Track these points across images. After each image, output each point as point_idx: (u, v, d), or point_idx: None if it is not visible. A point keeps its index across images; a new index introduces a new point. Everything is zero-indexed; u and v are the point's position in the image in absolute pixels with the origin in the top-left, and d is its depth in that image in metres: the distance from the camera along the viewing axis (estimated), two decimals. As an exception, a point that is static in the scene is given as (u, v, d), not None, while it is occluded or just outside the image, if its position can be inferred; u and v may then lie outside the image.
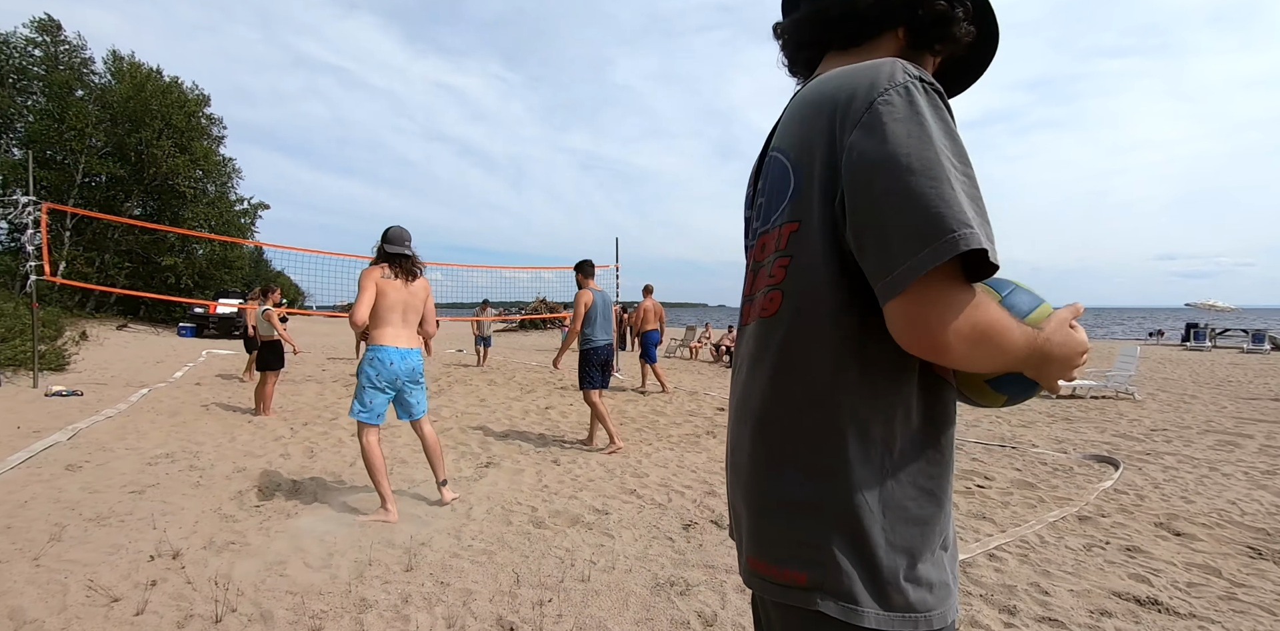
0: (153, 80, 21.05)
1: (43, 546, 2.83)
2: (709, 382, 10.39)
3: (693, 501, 3.82)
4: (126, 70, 20.99)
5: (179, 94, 21.95)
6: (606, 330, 5.28)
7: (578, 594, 2.49)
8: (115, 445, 4.93)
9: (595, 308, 5.18)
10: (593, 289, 5.23)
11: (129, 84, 20.36)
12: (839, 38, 0.83)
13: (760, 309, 0.78)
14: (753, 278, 0.83)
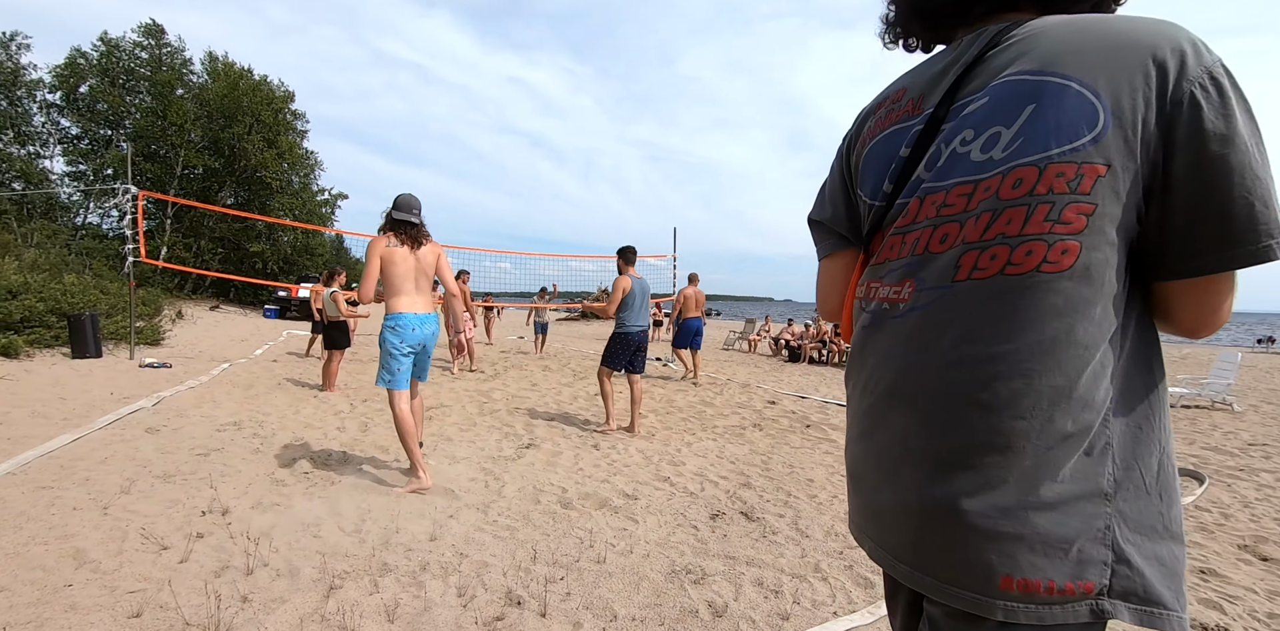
0: (244, 78, 22.70)
1: (112, 498, 3.11)
2: (763, 376, 10.17)
3: (726, 492, 3.74)
4: (221, 70, 22.75)
5: (267, 91, 23.58)
6: (643, 317, 5.33)
7: (591, 574, 2.48)
8: (192, 412, 5.36)
9: (634, 294, 5.23)
10: (632, 276, 5.29)
11: (223, 82, 22.07)
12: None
13: (1009, 263, 0.66)
14: (975, 223, 0.68)
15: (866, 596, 2.39)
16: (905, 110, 0.81)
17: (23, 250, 10.98)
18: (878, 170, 0.82)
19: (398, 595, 2.23)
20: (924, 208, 0.74)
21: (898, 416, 0.73)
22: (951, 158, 0.72)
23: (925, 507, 0.68)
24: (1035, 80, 0.67)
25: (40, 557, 2.41)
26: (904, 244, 0.76)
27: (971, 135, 0.70)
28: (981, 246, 0.67)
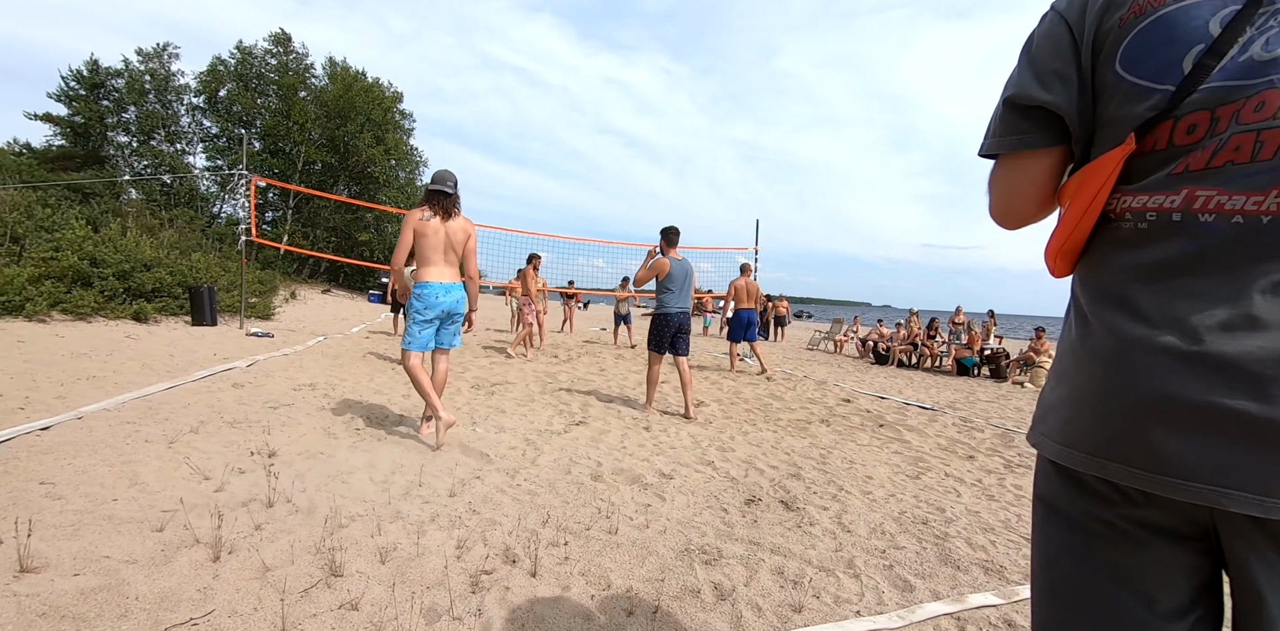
0: (358, 81, 24.70)
1: (181, 435, 3.40)
2: (844, 376, 9.61)
3: (770, 480, 3.50)
4: (339, 73, 24.86)
5: (378, 92, 25.50)
6: (683, 299, 5.26)
7: (598, 543, 2.37)
8: (278, 374, 5.81)
9: (673, 276, 5.15)
10: (673, 257, 5.21)
11: (339, 85, 24.11)
12: None
13: None
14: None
15: (900, 599, 2.11)
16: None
17: (163, 232, 12.50)
18: (1168, 47, 0.67)
19: (397, 540, 2.24)
20: None
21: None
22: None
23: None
24: None
25: (102, 476, 2.65)
26: (1260, 143, 0.62)
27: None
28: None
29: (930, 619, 1.97)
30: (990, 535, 2.79)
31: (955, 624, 1.96)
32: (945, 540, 2.68)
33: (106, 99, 20.73)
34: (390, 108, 25.91)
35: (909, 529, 2.81)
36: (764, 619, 1.90)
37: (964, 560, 2.46)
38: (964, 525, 2.91)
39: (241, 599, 1.77)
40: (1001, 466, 4.24)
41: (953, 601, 2.08)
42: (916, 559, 2.46)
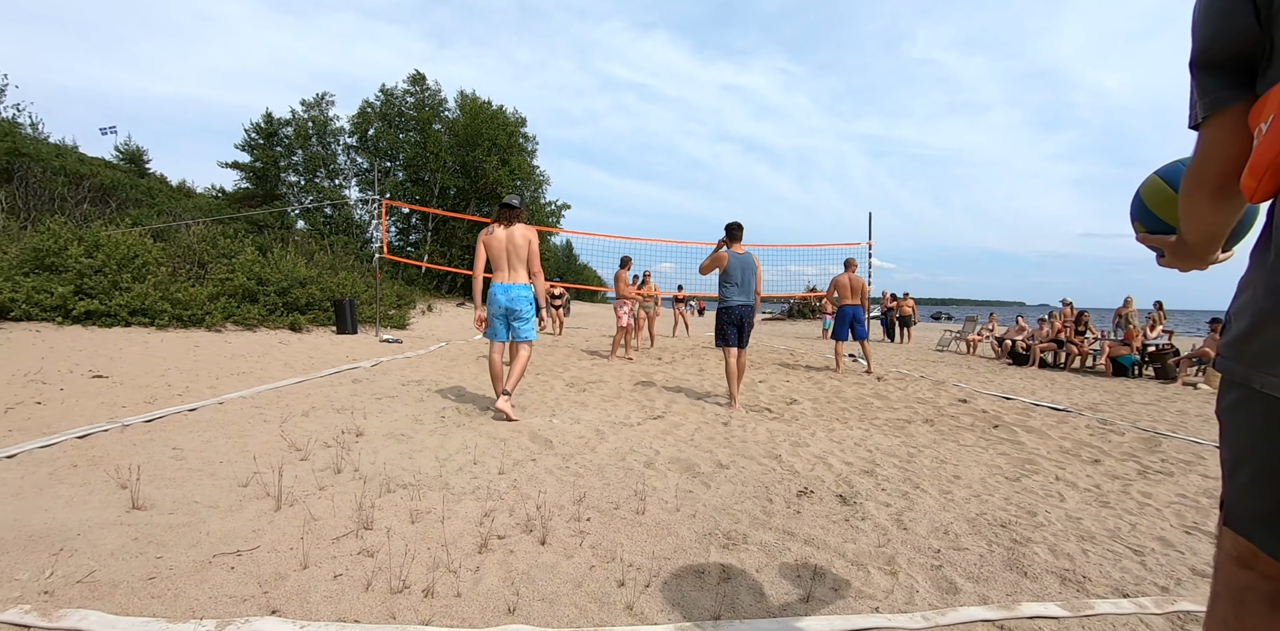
0: (484, 109, 26.94)
1: (293, 417, 3.95)
2: (969, 377, 8.73)
3: (837, 475, 3.30)
4: (468, 104, 27.31)
5: (503, 118, 27.61)
6: (745, 293, 5.37)
7: (621, 522, 2.39)
8: (395, 372, 6.49)
9: (733, 269, 5.29)
10: (735, 252, 5.33)
11: (468, 114, 26.45)
12: None
13: None
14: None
15: (936, 599, 1.89)
16: None
17: (321, 256, 14.44)
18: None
19: (432, 506, 2.43)
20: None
21: None
22: None
23: None
24: None
25: (219, 445, 3.17)
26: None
27: None
28: None
29: (964, 623, 1.75)
30: (1086, 543, 2.42)
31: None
32: (1022, 545, 2.36)
33: (279, 145, 24.56)
34: (514, 132, 27.93)
35: (981, 530, 2.52)
36: (761, 603, 1.81)
37: (1037, 567, 2.16)
38: (1055, 531, 2.54)
39: (283, 539, 2.06)
40: (1134, 472, 3.64)
41: (1000, 608, 1.84)
42: (977, 561, 2.20)
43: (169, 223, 11.36)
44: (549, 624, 1.65)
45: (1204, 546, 2.42)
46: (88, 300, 7.73)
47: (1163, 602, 1.90)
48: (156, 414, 3.96)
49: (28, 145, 11.83)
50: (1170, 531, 2.58)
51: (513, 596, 1.78)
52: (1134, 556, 2.29)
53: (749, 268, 5.34)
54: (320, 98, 25.75)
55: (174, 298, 8.41)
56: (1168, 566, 2.21)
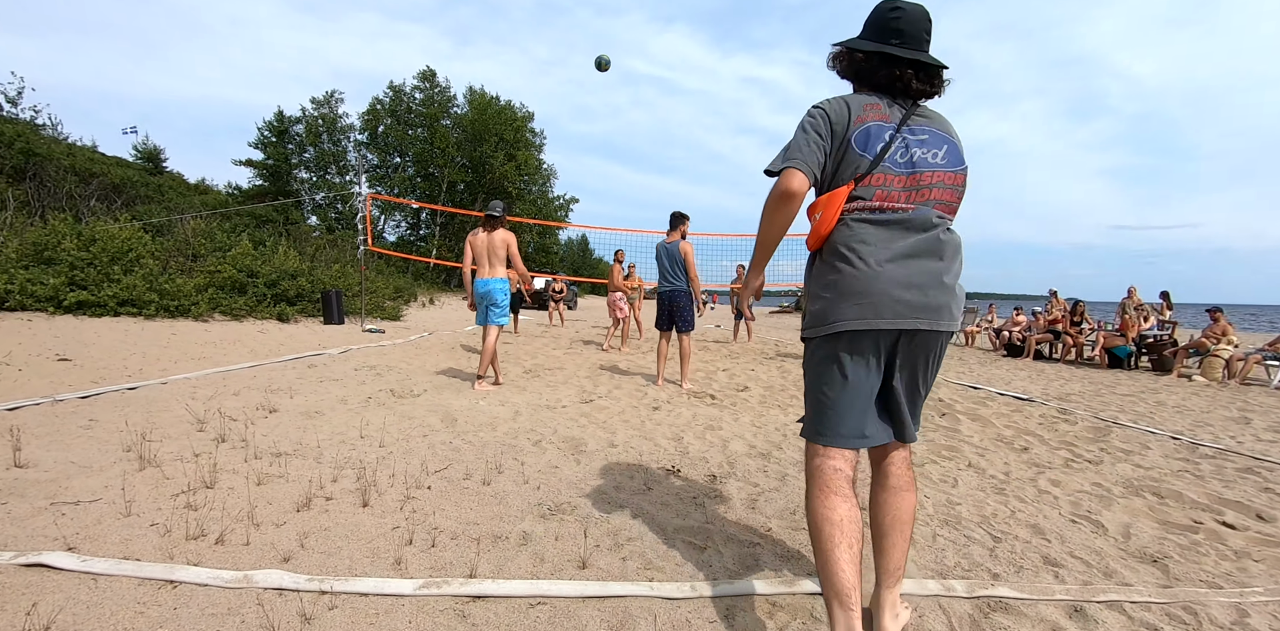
0: (491, 104, 27.18)
1: (219, 396, 4.11)
2: (951, 366, 8.55)
3: (729, 456, 3.34)
4: (476, 100, 27.58)
5: (510, 113, 27.81)
6: (672, 280, 5.70)
7: (461, 491, 2.49)
8: (356, 359, 6.64)
9: (659, 258, 5.70)
10: (664, 242, 5.69)
11: (475, 109, 26.72)
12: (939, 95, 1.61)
13: (944, 206, 1.52)
14: (926, 183, 1.49)
15: (729, 574, 1.89)
16: (883, 116, 1.49)
17: (325, 250, 14.76)
18: (868, 141, 1.47)
19: (288, 471, 2.54)
20: (912, 173, 1.49)
21: (930, 263, 1.47)
22: (913, 152, 1.49)
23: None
24: (944, 135, 1.53)
25: (132, 418, 3.38)
26: (905, 184, 1.48)
27: (922, 147, 1.49)
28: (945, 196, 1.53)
29: (736, 596, 1.77)
30: (945, 529, 2.38)
31: (735, 603, 1.73)
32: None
33: (291, 143, 25.18)
34: (521, 127, 28.13)
35: None
36: (539, 567, 1.88)
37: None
38: (920, 516, 2.51)
39: (126, 494, 2.26)
40: (1060, 461, 3.56)
41: (779, 583, 1.84)
42: (804, 543, 2.18)
43: (168, 217, 11.74)
44: (311, 572, 1.75)
45: (1078, 535, 2.36)
46: (79, 291, 8.07)
47: (977, 587, 1.85)
48: (94, 391, 4.15)
49: (41, 145, 12.35)
50: (1050, 520, 2.52)
51: (296, 547, 1.89)
52: (988, 542, 2.25)
53: (674, 257, 5.64)
54: (330, 95, 26.34)
55: (161, 288, 8.72)
56: (1018, 553, 2.16)
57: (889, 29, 1.51)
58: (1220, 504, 2.86)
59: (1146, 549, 2.26)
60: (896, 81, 1.51)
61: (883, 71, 1.52)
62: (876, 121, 1.46)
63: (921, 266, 1.42)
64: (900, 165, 1.46)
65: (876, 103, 1.49)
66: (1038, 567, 2.04)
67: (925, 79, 1.53)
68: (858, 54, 1.56)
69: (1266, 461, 3.73)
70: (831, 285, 1.45)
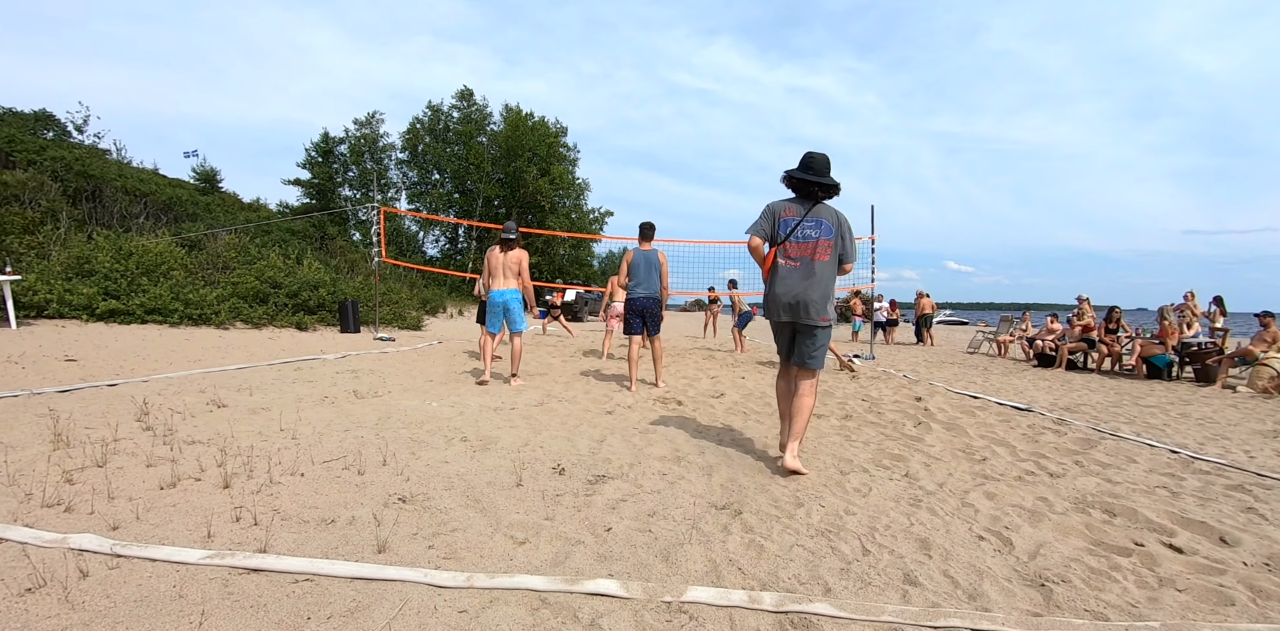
0: (523, 120, 27.89)
1: (185, 393, 4.32)
2: (969, 376, 8.09)
3: (632, 459, 3.20)
4: (511, 116, 28.38)
5: (543, 129, 28.46)
6: (647, 287, 5.88)
7: (324, 478, 2.57)
8: (346, 364, 6.82)
9: (636, 265, 5.86)
10: (641, 249, 5.92)
11: (509, 125, 27.48)
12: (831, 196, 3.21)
13: (818, 257, 3.06)
14: (809, 248, 3.07)
15: (536, 570, 1.81)
16: (794, 213, 3.11)
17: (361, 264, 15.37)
18: (786, 225, 3.10)
19: (183, 456, 2.72)
20: (802, 242, 3.09)
21: (800, 297, 3.08)
22: (806, 231, 3.09)
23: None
24: (826, 220, 3.11)
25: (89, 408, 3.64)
26: (798, 248, 3.10)
27: (813, 228, 3.08)
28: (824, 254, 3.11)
29: (509, 590, 1.73)
30: (813, 539, 2.23)
31: (502, 596, 1.68)
32: (723, 534, 2.22)
33: (335, 162, 26.47)
34: (553, 143, 28.73)
35: (695, 519, 2.37)
36: (341, 547, 1.93)
37: (698, 557, 2.02)
38: (795, 525, 2.38)
39: (24, 469, 2.36)
40: (1015, 473, 3.31)
41: (562, 581, 1.78)
42: (628, 545, 2.10)
43: (203, 232, 12.47)
44: (128, 539, 1.90)
45: (970, 553, 2.17)
46: (110, 300, 8.66)
47: (789, 601, 1.71)
48: (74, 386, 4.45)
49: (98, 168, 13.39)
50: (950, 535, 2.33)
51: (132, 519, 2.06)
52: (853, 556, 2.09)
53: (652, 264, 5.85)
54: (371, 116, 27.64)
55: (186, 298, 9.24)
56: (878, 569, 1.99)
57: (806, 167, 3.14)
58: (1179, 524, 2.58)
59: (1046, 572, 2.03)
60: (808, 191, 3.14)
61: (802, 187, 3.16)
62: (790, 216, 3.11)
63: (798, 290, 3.09)
64: (798, 238, 3.09)
65: (791, 206, 3.13)
66: (888, 585, 1.85)
67: (824, 190, 3.13)
68: (793, 178, 3.16)
69: (1269, 478, 3.35)
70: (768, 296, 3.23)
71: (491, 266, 5.78)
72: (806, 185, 3.10)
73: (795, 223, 3.05)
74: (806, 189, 3.11)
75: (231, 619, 1.50)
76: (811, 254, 3.02)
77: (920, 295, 16.19)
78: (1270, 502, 2.91)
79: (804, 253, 3.03)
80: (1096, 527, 2.48)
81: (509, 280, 5.77)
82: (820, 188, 3.09)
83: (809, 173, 3.09)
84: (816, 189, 3.09)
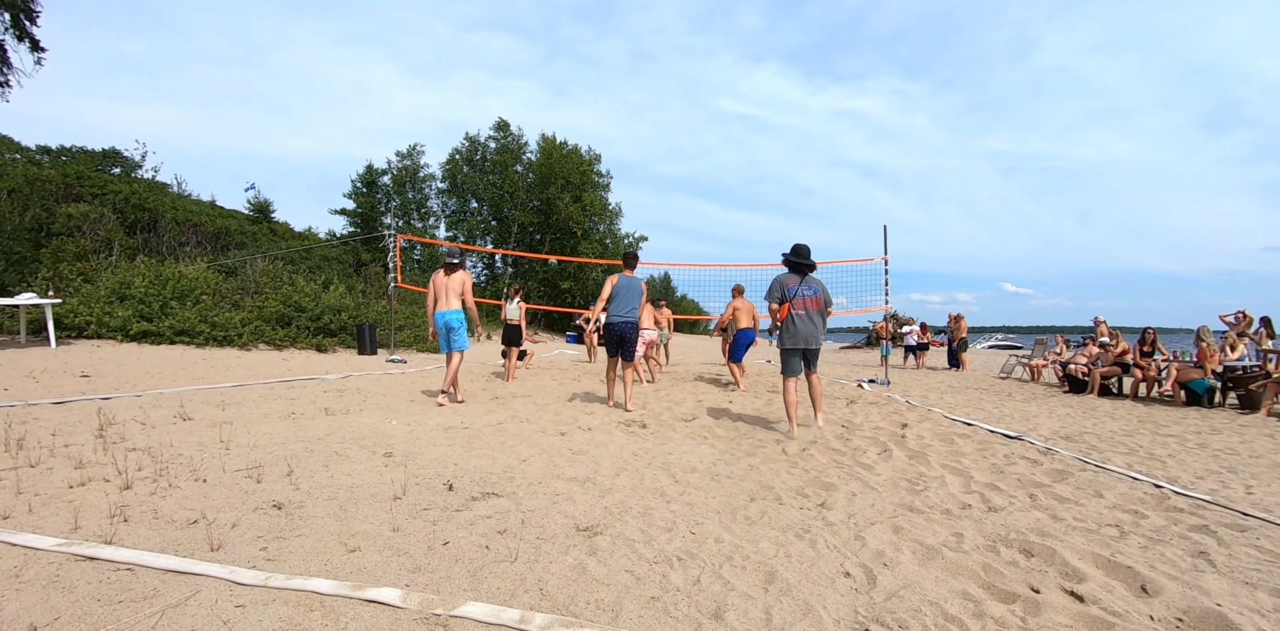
0: (557, 148, 28.71)
1: (179, 406, 4.57)
2: (975, 403, 7.68)
3: (536, 478, 3.20)
4: (546, 145, 29.28)
5: (577, 157, 29.20)
6: (625, 312, 6.01)
7: (222, 483, 2.77)
8: (342, 383, 7.03)
9: (619, 290, 6.03)
10: (625, 275, 6.15)
11: (543, 154, 28.32)
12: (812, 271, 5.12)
13: (814, 307, 4.93)
14: (808, 302, 4.90)
15: (350, 575, 1.86)
16: (794, 281, 4.93)
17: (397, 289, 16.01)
18: (791, 290, 4.91)
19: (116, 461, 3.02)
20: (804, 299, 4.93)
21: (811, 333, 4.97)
22: (804, 292, 4.91)
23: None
24: (814, 284, 4.99)
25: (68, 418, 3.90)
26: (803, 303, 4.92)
27: (806, 290, 4.92)
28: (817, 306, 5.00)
29: (297, 591, 1.82)
30: (637, 562, 2.18)
31: (294, 597, 1.90)
32: (559, 553, 2.24)
33: (379, 192, 27.81)
34: (587, 170, 29.40)
35: (551, 538, 2.38)
36: (182, 545, 2.10)
37: (514, 576, 2.05)
38: (640, 551, 2.32)
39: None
40: (948, 507, 3.11)
41: (348, 586, 1.86)
42: (455, 557, 2.14)
43: (238, 259, 13.30)
44: (6, 527, 2.15)
45: (813, 589, 2.06)
46: (143, 322, 9.28)
47: (558, 624, 1.73)
48: (69, 398, 4.89)
49: (152, 201, 14.55)
50: (807, 570, 2.23)
51: (24, 509, 2.35)
52: (680, 586, 2.04)
53: (634, 290, 6.07)
54: (412, 148, 29.03)
55: (212, 320, 9.81)
56: (691, 601, 1.93)
57: (797, 253, 5.01)
58: (1103, 568, 2.35)
59: (888, 615, 1.89)
60: (799, 268, 4.95)
61: (795, 266, 4.97)
62: (792, 284, 4.89)
63: (809, 329, 4.89)
64: (801, 296, 4.86)
65: (791, 277, 4.94)
66: (686, 618, 1.79)
67: (808, 268, 4.97)
68: (789, 261, 5.00)
69: (1254, 517, 3.04)
70: (786, 334, 4.94)
71: (436, 289, 6.08)
72: (799, 265, 4.96)
73: (796, 288, 4.87)
74: (798, 267, 4.96)
75: (39, 595, 1.69)
76: (811, 306, 4.88)
77: (955, 318, 15.53)
78: (1232, 546, 2.61)
79: (807, 306, 4.87)
80: (996, 569, 2.28)
81: (453, 301, 6.06)
82: (806, 267, 4.96)
83: (799, 257, 4.98)
84: (804, 267, 4.95)
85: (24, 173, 12.38)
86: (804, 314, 4.84)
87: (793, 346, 4.89)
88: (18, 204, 11.48)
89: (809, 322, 4.85)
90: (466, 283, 6.13)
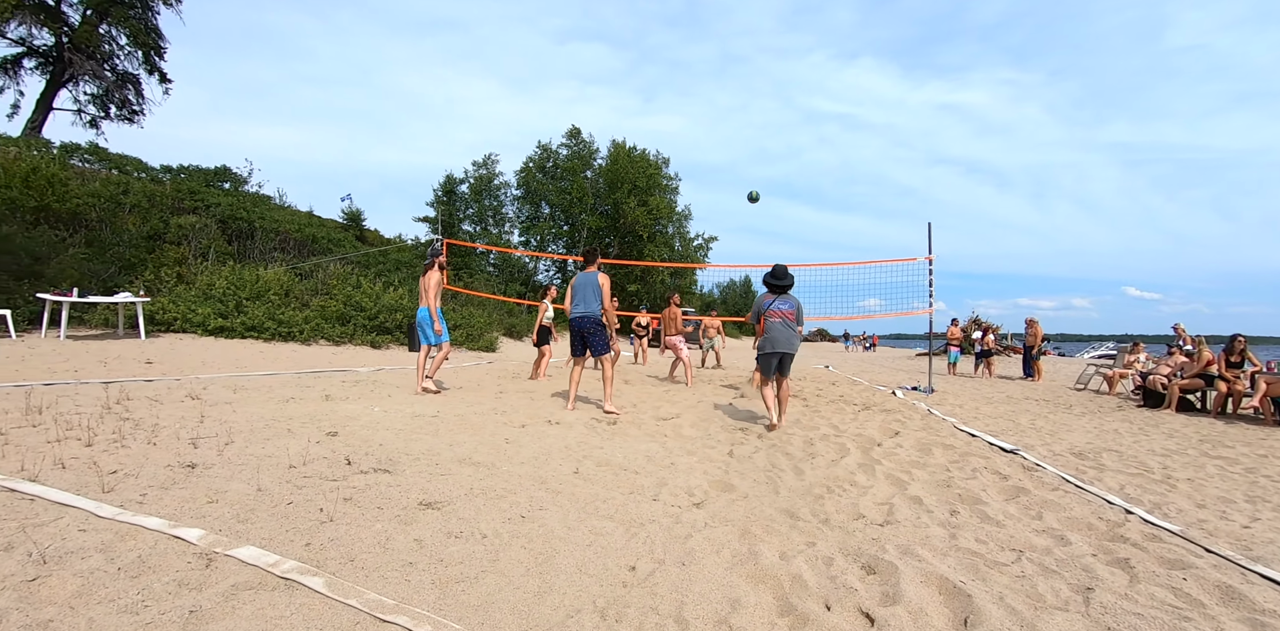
0: (625, 153, 29.25)
1: (204, 391, 5.14)
2: (1028, 416, 7.05)
3: (440, 461, 3.37)
4: (616, 151, 29.92)
5: (644, 162, 29.59)
6: (584, 306, 6.05)
7: (177, 454, 3.13)
8: (373, 377, 7.62)
9: (576, 286, 6.13)
10: (584, 272, 6.22)
11: (611, 159, 28.94)
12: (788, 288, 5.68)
13: (789, 318, 5.48)
14: (783, 314, 5.45)
15: (212, 527, 2.20)
16: (770, 297, 5.55)
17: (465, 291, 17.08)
18: (768, 303, 5.52)
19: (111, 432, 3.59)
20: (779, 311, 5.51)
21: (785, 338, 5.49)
22: (779, 306, 5.49)
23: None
24: (789, 299, 5.56)
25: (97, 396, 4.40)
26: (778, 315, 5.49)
27: (781, 305, 5.50)
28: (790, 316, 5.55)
29: (142, 528, 2.33)
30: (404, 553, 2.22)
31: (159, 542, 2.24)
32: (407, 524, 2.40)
33: (458, 200, 29.50)
34: (654, 174, 29.73)
35: (408, 510, 2.55)
36: (85, 488, 2.57)
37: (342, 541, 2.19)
38: (443, 520, 2.39)
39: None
40: (822, 519, 2.95)
41: (210, 538, 2.26)
42: (287, 516, 2.39)
43: (313, 263, 14.61)
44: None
45: (567, 582, 2.02)
46: (219, 319, 10.46)
47: (295, 572, 1.91)
48: (116, 380, 5.69)
49: (250, 212, 16.32)
50: (587, 557, 2.23)
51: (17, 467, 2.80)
52: (428, 555, 2.15)
53: (591, 285, 6.07)
54: (488, 158, 30.62)
55: (279, 318, 10.88)
56: (418, 569, 2.03)
57: (775, 275, 5.58)
58: (943, 594, 2.09)
59: (613, 608, 1.85)
60: (776, 287, 5.54)
61: (772, 286, 5.57)
62: (769, 299, 5.51)
63: (784, 334, 5.41)
64: (774, 310, 5.46)
65: (769, 294, 5.56)
66: (392, 577, 1.94)
67: (785, 288, 5.56)
68: (769, 280, 5.58)
69: (1216, 555, 2.65)
70: (765, 340, 5.46)
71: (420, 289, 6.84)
72: (776, 285, 5.58)
73: (772, 302, 5.53)
74: (775, 287, 5.58)
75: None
76: (785, 317, 5.49)
77: (1030, 323, 14.23)
78: (1141, 584, 2.22)
79: (783, 315, 5.48)
80: (804, 582, 2.13)
81: (423, 300, 6.66)
82: (783, 286, 5.57)
83: (777, 279, 5.57)
84: (782, 288, 5.58)
85: (144, 189, 14.31)
86: (779, 321, 5.48)
87: (771, 351, 5.46)
88: (138, 216, 13.30)
89: (783, 329, 5.47)
90: (430, 281, 6.57)
